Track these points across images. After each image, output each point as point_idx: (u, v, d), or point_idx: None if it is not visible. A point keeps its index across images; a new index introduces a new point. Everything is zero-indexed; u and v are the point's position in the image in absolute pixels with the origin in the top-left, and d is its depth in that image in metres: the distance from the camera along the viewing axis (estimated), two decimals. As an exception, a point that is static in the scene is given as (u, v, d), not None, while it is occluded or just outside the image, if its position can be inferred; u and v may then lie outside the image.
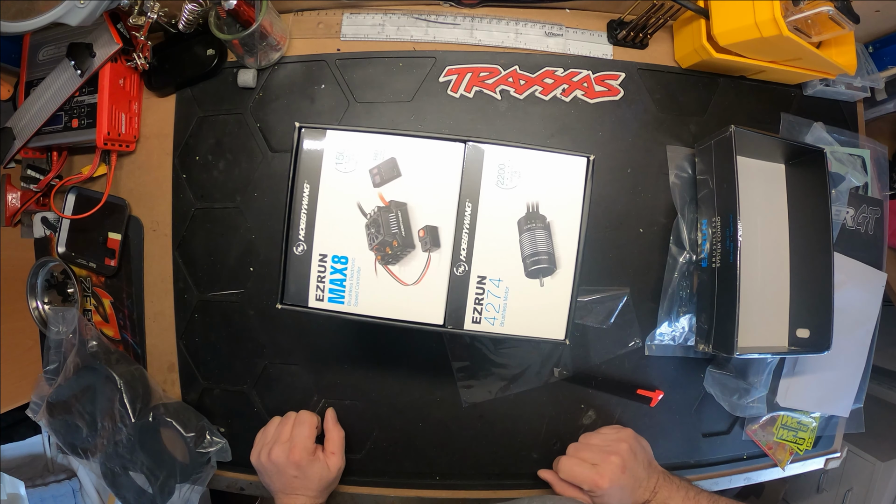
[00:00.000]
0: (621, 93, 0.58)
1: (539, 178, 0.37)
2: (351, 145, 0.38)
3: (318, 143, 0.38)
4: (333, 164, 0.38)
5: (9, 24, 0.44)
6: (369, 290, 0.38)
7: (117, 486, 0.60)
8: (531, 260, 0.38)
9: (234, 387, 0.60)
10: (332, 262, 0.38)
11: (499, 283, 0.38)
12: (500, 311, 0.38)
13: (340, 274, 0.38)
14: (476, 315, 0.38)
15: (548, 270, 0.38)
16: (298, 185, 0.38)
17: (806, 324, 0.55)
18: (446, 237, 0.38)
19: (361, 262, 0.38)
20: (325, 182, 0.38)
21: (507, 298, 0.38)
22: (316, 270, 0.38)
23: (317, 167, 0.38)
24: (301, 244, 0.38)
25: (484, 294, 0.38)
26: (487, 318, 0.38)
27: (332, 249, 0.38)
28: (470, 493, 0.60)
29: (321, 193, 0.38)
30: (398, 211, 0.38)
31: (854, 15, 0.48)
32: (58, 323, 0.62)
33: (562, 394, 0.59)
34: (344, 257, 0.38)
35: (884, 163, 0.63)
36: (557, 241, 0.38)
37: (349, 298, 0.39)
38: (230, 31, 0.52)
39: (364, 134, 0.38)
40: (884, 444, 0.97)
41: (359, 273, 0.38)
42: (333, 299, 0.39)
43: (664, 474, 0.52)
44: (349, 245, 0.38)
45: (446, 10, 0.58)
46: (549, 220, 0.38)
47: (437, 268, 0.38)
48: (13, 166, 0.60)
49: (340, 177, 0.38)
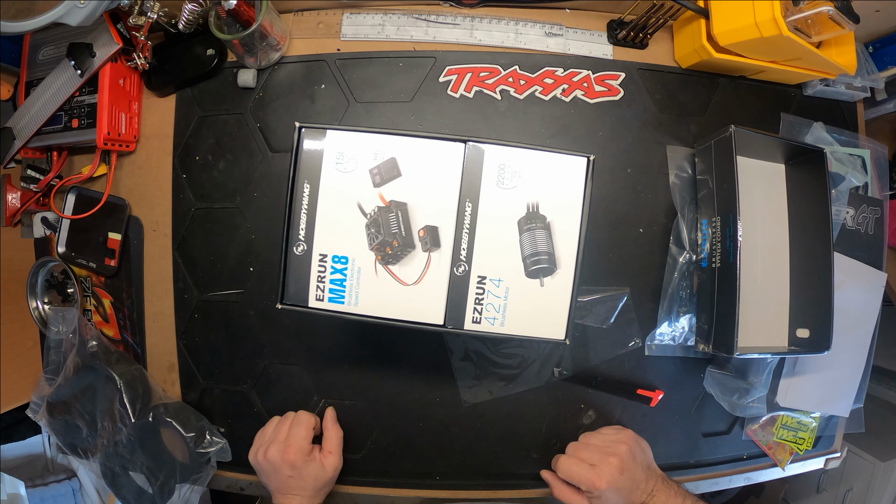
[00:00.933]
0: (621, 93, 0.58)
1: (539, 178, 0.37)
2: (351, 145, 0.38)
3: (319, 143, 0.38)
4: (333, 163, 0.38)
5: (9, 24, 0.44)
6: (369, 290, 0.38)
7: (117, 486, 0.60)
8: (531, 260, 0.38)
9: (234, 387, 0.60)
10: (333, 262, 0.38)
11: (499, 283, 0.38)
12: (501, 311, 0.38)
13: (340, 274, 0.38)
14: (476, 315, 0.38)
15: (548, 270, 0.38)
16: (298, 185, 0.38)
17: (806, 324, 0.55)
18: (446, 237, 0.38)
19: (362, 262, 0.38)
20: (326, 182, 0.38)
21: (507, 298, 0.38)
22: (316, 270, 0.38)
23: (317, 167, 0.38)
24: (301, 244, 0.38)
25: (484, 294, 0.38)
26: (487, 318, 0.38)
27: (333, 249, 0.38)
28: (470, 493, 0.60)
29: (321, 193, 0.38)
30: (398, 211, 0.37)
31: (854, 15, 0.48)
32: (58, 323, 0.62)
33: (562, 394, 0.59)
34: (344, 257, 0.38)
35: (884, 163, 0.63)
36: (557, 241, 0.38)
37: (349, 298, 0.39)
38: (230, 31, 0.52)
39: (364, 134, 0.38)
40: (884, 444, 0.97)
41: (359, 273, 0.38)
42: (333, 299, 0.39)
43: (663, 478, 0.52)
44: (349, 245, 0.38)
45: (446, 10, 0.58)
46: (549, 220, 0.37)
47: (438, 268, 0.38)
48: (13, 166, 0.60)
49: (340, 177, 0.38)
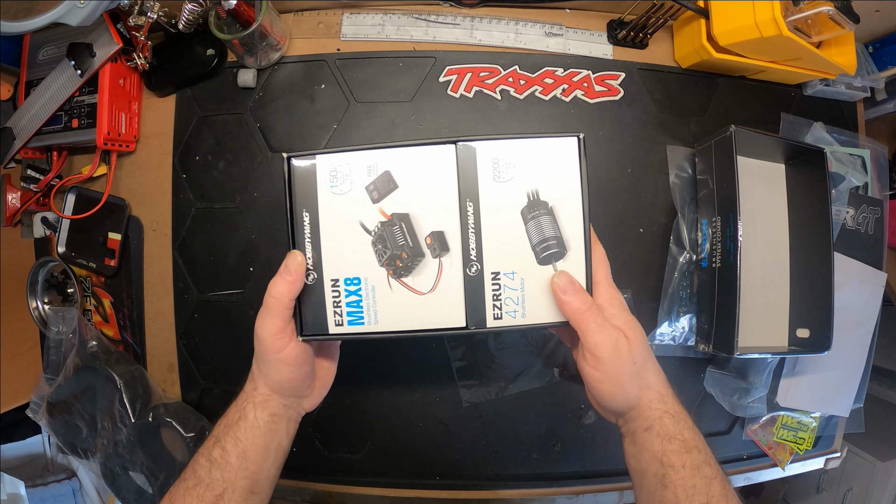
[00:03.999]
0: (621, 93, 0.58)
1: (534, 166, 0.37)
2: (342, 166, 0.38)
3: (309, 169, 0.38)
4: (328, 187, 0.38)
5: (9, 24, 0.44)
6: (387, 305, 0.38)
7: (117, 486, 0.60)
8: (541, 247, 0.38)
9: (234, 387, 0.60)
10: (345, 286, 0.38)
11: (513, 275, 0.38)
12: (520, 302, 0.38)
13: (355, 295, 0.38)
14: (497, 311, 0.38)
15: (559, 255, 0.38)
16: (298, 216, 0.38)
17: (806, 324, 0.55)
18: (454, 240, 0.38)
19: (374, 279, 0.38)
20: (324, 207, 0.38)
21: (524, 289, 0.38)
22: (330, 296, 0.38)
23: (312, 194, 0.38)
24: (311, 273, 0.38)
25: (501, 289, 0.38)
26: (509, 312, 0.38)
27: (343, 273, 0.38)
28: (470, 493, 0.60)
29: (321, 219, 0.38)
30: (401, 223, 0.37)
31: (854, 15, 0.48)
32: (58, 323, 0.62)
33: (562, 394, 0.59)
34: (356, 278, 0.38)
35: (884, 163, 0.63)
36: (563, 224, 0.38)
37: (368, 318, 0.38)
38: (230, 31, 0.52)
39: (353, 153, 0.38)
40: (884, 444, 0.97)
41: (373, 291, 0.38)
42: (353, 321, 0.39)
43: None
44: (359, 265, 0.38)
45: (446, 10, 0.58)
46: (551, 206, 0.37)
47: (450, 272, 0.38)
48: (13, 166, 0.60)
49: (338, 199, 0.38)
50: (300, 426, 0.43)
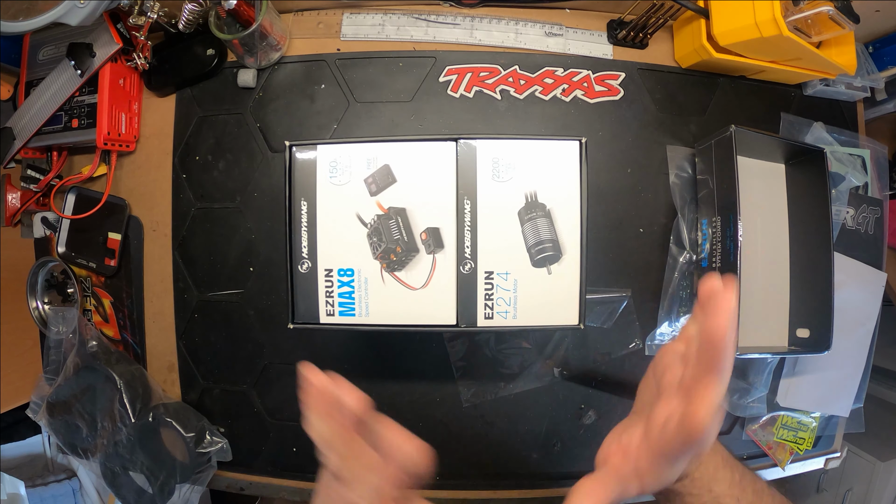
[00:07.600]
0: (621, 93, 0.58)
1: (534, 168, 0.37)
2: (343, 157, 0.38)
3: (311, 159, 0.38)
4: (328, 178, 0.38)
5: (9, 24, 0.44)
6: (379, 298, 0.38)
7: (117, 486, 0.60)
8: (536, 249, 0.38)
9: (234, 387, 0.60)
10: (339, 276, 0.38)
11: (507, 276, 0.38)
12: (512, 303, 0.38)
13: (348, 286, 0.38)
14: (488, 311, 0.38)
15: (554, 258, 0.38)
16: (296, 204, 0.38)
17: (806, 324, 0.55)
18: (449, 237, 0.38)
19: (367, 271, 0.38)
20: (322, 197, 0.38)
21: (516, 290, 0.38)
22: (323, 286, 0.38)
23: (312, 183, 0.38)
24: (305, 262, 0.38)
25: (493, 289, 0.38)
26: (500, 313, 0.38)
27: (337, 263, 0.38)
28: (470, 493, 0.60)
29: (319, 209, 0.38)
30: (398, 217, 0.37)
31: (854, 15, 0.48)
32: (58, 323, 0.62)
33: (562, 394, 0.59)
34: (350, 269, 0.38)
35: (884, 163, 0.63)
36: (560, 228, 0.38)
37: (360, 310, 0.39)
38: (230, 31, 0.52)
39: (354, 144, 0.38)
40: (884, 444, 0.97)
41: (366, 283, 0.38)
42: (344, 312, 0.39)
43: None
44: (353, 257, 0.38)
45: (446, 10, 0.58)
46: (548, 208, 0.38)
47: (444, 268, 0.38)
48: (13, 166, 0.60)
49: (336, 190, 0.38)
50: (300, 426, 0.41)
